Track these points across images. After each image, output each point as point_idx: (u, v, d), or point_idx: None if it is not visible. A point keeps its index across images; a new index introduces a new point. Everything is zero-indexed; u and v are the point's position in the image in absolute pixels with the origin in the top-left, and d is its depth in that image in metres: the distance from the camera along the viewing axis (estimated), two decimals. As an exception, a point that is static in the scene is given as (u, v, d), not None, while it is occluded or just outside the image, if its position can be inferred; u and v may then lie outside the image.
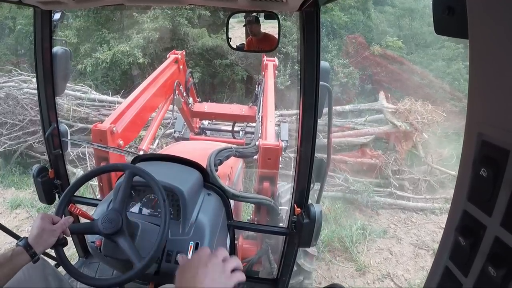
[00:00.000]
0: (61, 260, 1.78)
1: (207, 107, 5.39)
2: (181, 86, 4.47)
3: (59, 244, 1.73)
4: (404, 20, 15.70)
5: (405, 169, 7.91)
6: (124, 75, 11.73)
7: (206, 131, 5.84)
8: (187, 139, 5.69)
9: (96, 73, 11.24)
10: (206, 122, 5.89)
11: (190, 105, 4.95)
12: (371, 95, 12.05)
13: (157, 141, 4.15)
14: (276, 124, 5.11)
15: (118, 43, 11.56)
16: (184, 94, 4.62)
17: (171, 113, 4.43)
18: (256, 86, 5.19)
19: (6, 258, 1.52)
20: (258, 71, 6.09)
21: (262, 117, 3.80)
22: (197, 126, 5.70)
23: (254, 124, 5.09)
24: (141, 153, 3.47)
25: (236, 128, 5.54)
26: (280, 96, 9.89)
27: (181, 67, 4.50)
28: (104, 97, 8.82)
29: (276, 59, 5.31)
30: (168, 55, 4.55)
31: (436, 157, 8.12)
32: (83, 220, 1.99)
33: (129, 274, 1.73)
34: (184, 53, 4.69)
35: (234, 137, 5.48)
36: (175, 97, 4.20)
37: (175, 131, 5.72)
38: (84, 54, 11.40)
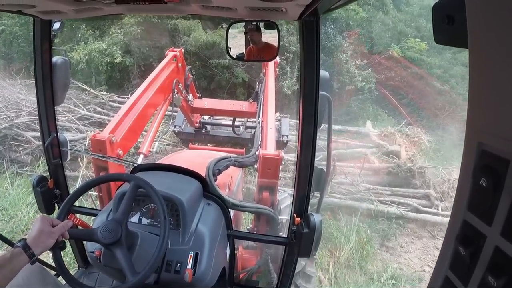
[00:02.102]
0: (57, 262, 1.78)
1: (207, 103, 5.40)
2: (180, 84, 4.46)
3: (57, 247, 1.74)
4: (421, 20, 14.98)
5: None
6: (111, 79, 10.52)
7: (207, 126, 5.85)
8: (187, 133, 5.72)
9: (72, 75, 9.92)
10: (206, 117, 5.90)
11: (190, 102, 4.94)
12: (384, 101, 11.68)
13: (157, 143, 4.13)
14: (276, 119, 5.12)
15: (97, 40, 10.38)
16: (184, 91, 4.61)
17: (170, 112, 4.43)
18: (257, 84, 5.20)
19: (6, 259, 1.53)
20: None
21: (262, 121, 3.78)
22: (198, 120, 5.71)
23: (254, 119, 5.09)
24: (141, 156, 3.47)
25: (236, 123, 5.56)
26: (286, 104, 9.60)
27: (179, 64, 4.50)
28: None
29: (278, 57, 5.33)
30: (166, 53, 4.54)
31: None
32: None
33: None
34: (182, 50, 4.69)
35: (234, 132, 5.50)
36: (174, 96, 4.20)
37: (175, 126, 5.74)
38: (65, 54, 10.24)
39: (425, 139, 9.13)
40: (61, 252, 1.81)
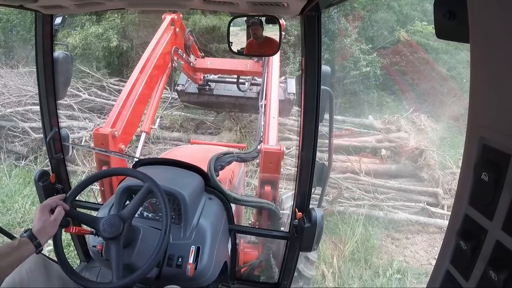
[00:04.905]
0: (59, 257, 1.80)
1: (210, 62, 5.33)
2: (180, 50, 4.39)
3: (61, 225, 1.78)
4: (427, 4, 14.38)
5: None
6: (109, 65, 10.23)
7: (210, 84, 5.81)
8: (190, 94, 5.68)
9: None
10: (211, 76, 5.86)
11: (191, 63, 4.90)
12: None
13: (158, 120, 4.05)
14: (282, 82, 5.09)
15: (94, 25, 9.98)
16: (184, 55, 4.55)
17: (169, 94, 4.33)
18: None
19: (13, 247, 1.58)
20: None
21: (265, 105, 3.61)
22: (201, 77, 5.67)
23: (260, 79, 5.06)
24: (143, 135, 3.47)
25: (242, 80, 5.54)
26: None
27: (177, 29, 4.39)
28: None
29: (283, 21, 4.96)
30: (163, 16, 4.43)
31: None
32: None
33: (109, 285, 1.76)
34: (181, 15, 4.58)
35: (239, 89, 5.49)
36: (174, 64, 4.16)
37: (178, 85, 5.71)
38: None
39: (431, 126, 8.77)
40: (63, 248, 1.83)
